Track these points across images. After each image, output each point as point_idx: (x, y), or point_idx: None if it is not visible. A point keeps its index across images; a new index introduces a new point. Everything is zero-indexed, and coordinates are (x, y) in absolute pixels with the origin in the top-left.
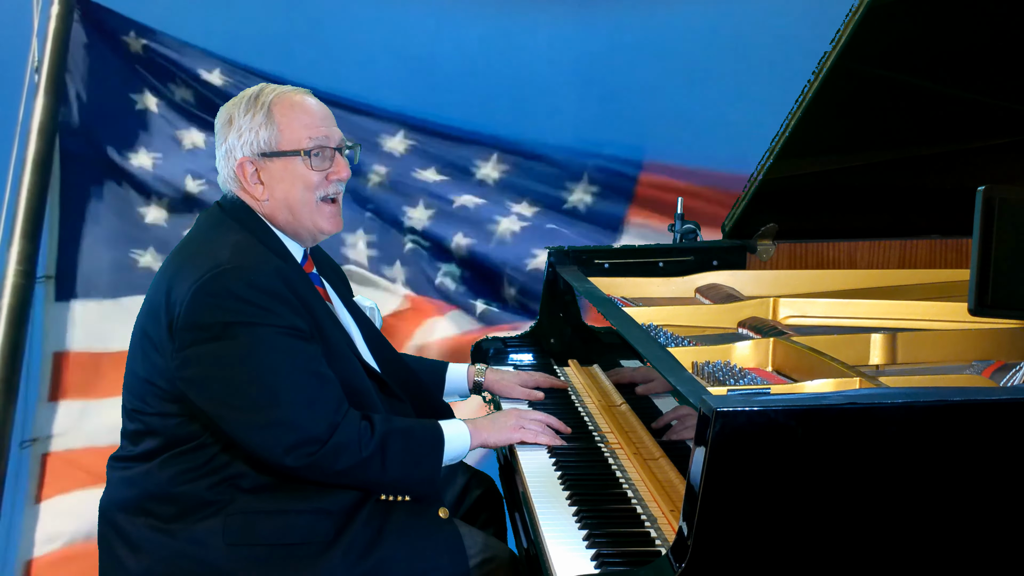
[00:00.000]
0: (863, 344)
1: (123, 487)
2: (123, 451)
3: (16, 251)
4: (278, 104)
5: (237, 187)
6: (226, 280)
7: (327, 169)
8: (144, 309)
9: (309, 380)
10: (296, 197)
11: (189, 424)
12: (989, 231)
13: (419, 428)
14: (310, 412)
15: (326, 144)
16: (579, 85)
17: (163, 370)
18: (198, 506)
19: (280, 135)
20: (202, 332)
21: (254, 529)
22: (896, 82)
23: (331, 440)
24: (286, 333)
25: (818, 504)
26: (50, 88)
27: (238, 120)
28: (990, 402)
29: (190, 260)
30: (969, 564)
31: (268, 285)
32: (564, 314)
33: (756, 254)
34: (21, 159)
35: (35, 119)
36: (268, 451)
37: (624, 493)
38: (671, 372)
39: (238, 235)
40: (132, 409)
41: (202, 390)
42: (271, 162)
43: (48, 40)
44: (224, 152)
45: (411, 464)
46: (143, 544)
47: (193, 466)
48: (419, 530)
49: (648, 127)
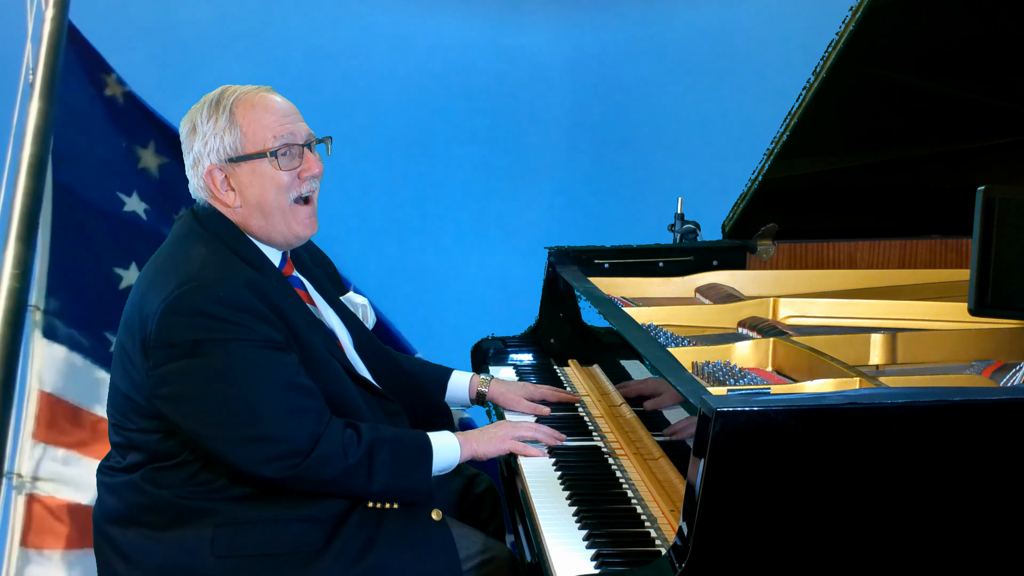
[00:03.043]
0: (863, 344)
1: (112, 498)
2: (111, 461)
3: (11, 254)
4: (239, 105)
5: (208, 195)
6: (193, 297)
7: (296, 168)
8: (122, 322)
9: (287, 392)
10: (269, 201)
11: (169, 440)
12: (989, 231)
13: (407, 438)
14: (290, 425)
15: (292, 141)
16: (578, 84)
17: (140, 386)
18: (187, 516)
19: (244, 138)
20: (173, 350)
21: (243, 539)
22: (896, 82)
23: (314, 451)
24: (259, 346)
25: (818, 504)
26: (45, 92)
27: (201, 127)
28: (990, 402)
29: (161, 274)
30: (970, 564)
31: (237, 299)
32: (564, 314)
33: (756, 254)
34: (16, 163)
35: (30, 123)
36: (250, 466)
37: (624, 493)
38: (671, 372)
39: (208, 246)
40: (115, 424)
41: (178, 408)
42: (239, 167)
43: (43, 43)
44: (192, 161)
45: (399, 475)
46: (134, 554)
47: (177, 481)
48: (411, 534)
49: (649, 127)
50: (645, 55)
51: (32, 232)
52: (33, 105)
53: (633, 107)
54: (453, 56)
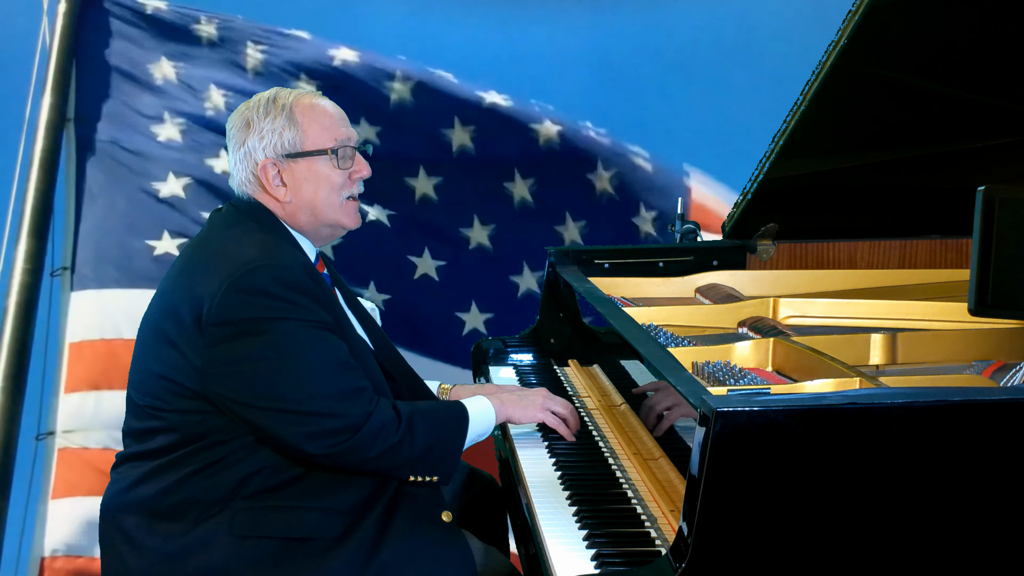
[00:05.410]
0: (863, 344)
1: (129, 486)
2: (130, 450)
3: (24, 248)
4: (298, 106)
5: (256, 189)
6: (257, 277)
7: (350, 168)
8: (158, 307)
9: (343, 371)
10: (321, 198)
11: (207, 421)
12: (989, 231)
13: (443, 408)
14: (346, 402)
15: (348, 144)
16: (577, 84)
17: (183, 367)
18: (206, 504)
19: (304, 136)
20: (233, 328)
21: (262, 523)
22: (896, 82)
23: (366, 427)
24: (317, 326)
25: (818, 504)
26: (57, 84)
27: (258, 123)
28: (990, 402)
29: (215, 258)
30: (970, 564)
31: (297, 280)
32: (564, 314)
33: (756, 254)
34: (28, 156)
35: (42, 115)
36: (302, 443)
37: (624, 493)
38: (671, 372)
39: (260, 234)
40: (145, 406)
41: (234, 385)
42: (295, 163)
43: (56, 36)
44: (243, 155)
45: (438, 444)
46: (147, 543)
47: (204, 464)
48: (424, 533)
49: (647, 127)
50: (645, 55)
51: (44, 227)
52: (45, 100)
53: (633, 107)
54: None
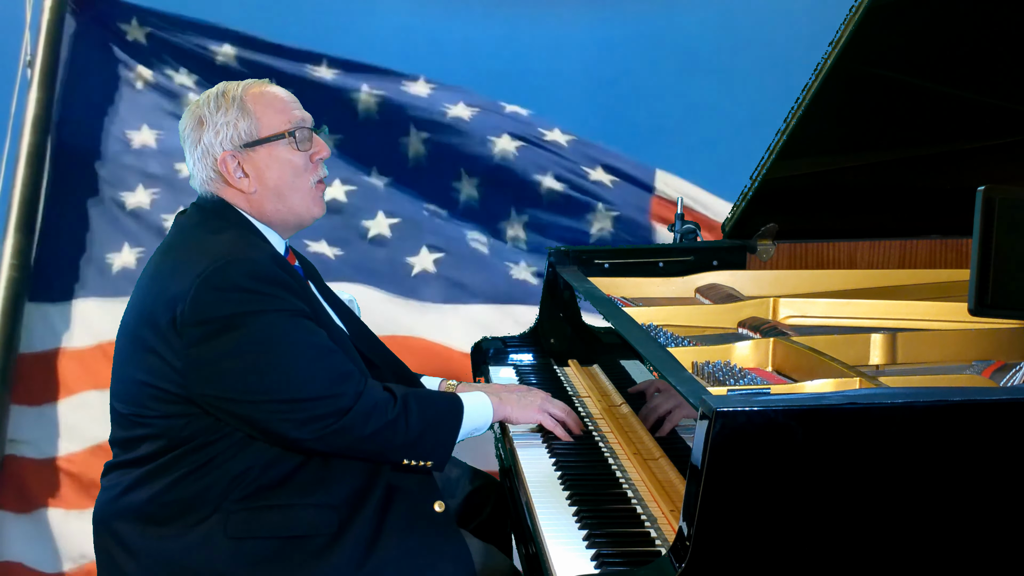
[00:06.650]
0: (863, 344)
1: (120, 493)
2: (117, 458)
3: (10, 244)
4: (248, 95)
5: (219, 185)
6: (228, 272)
7: (310, 150)
8: (133, 315)
9: (327, 355)
10: (287, 182)
11: (193, 423)
12: (989, 231)
13: (438, 395)
14: (334, 384)
15: (304, 125)
16: (577, 84)
17: (164, 372)
18: (199, 506)
19: (259, 123)
20: (210, 326)
21: (257, 523)
22: (896, 82)
23: (357, 406)
24: (294, 315)
25: (818, 504)
26: (43, 82)
27: (211, 118)
28: (990, 402)
29: (185, 259)
30: (970, 564)
31: (268, 273)
32: (564, 314)
33: (756, 254)
34: (14, 154)
35: (28, 113)
36: (296, 431)
37: (624, 493)
38: (671, 372)
39: (227, 231)
40: (130, 415)
41: (219, 384)
42: (254, 152)
43: (41, 34)
44: (200, 153)
45: (432, 427)
46: (143, 549)
47: (194, 467)
48: (420, 526)
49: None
50: (645, 55)
51: (31, 223)
52: (32, 95)
53: (633, 106)
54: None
